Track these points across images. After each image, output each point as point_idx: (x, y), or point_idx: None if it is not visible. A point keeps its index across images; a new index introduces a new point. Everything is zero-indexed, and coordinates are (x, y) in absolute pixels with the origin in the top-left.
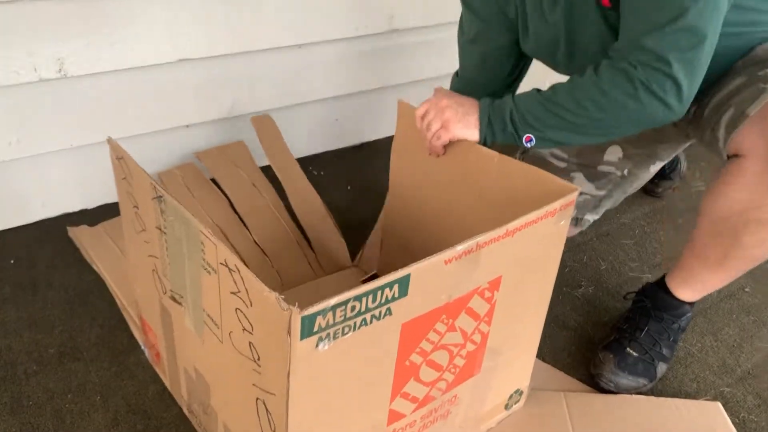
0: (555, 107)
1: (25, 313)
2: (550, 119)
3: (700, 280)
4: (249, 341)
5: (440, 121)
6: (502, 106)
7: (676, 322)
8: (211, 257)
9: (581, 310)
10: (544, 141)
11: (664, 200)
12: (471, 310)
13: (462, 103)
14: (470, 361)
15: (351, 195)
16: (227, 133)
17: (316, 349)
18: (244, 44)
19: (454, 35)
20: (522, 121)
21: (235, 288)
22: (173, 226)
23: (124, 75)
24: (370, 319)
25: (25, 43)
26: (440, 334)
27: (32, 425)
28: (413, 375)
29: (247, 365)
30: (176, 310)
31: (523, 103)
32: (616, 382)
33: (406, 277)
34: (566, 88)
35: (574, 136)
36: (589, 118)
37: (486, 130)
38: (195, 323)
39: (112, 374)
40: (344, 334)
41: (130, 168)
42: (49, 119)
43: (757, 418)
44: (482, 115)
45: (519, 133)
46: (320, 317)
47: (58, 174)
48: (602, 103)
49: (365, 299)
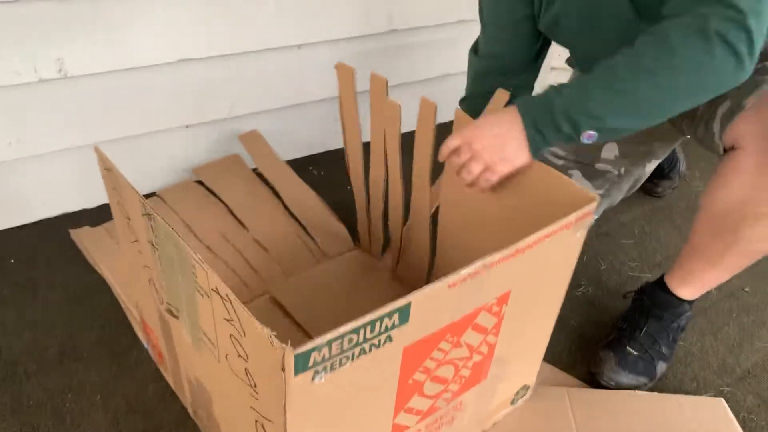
0: (619, 83)
1: (25, 313)
2: (614, 100)
3: (699, 277)
4: (245, 367)
5: (481, 164)
6: (547, 103)
7: (676, 321)
8: (203, 282)
9: (581, 310)
10: (604, 133)
11: (664, 200)
12: (477, 326)
13: (497, 134)
14: (476, 371)
15: (351, 195)
16: (227, 133)
17: (312, 383)
18: (244, 44)
19: (454, 35)
20: (581, 112)
21: (228, 315)
22: (163, 244)
23: (124, 75)
24: (369, 348)
25: (25, 43)
26: (445, 351)
27: (32, 425)
28: (417, 391)
29: (244, 389)
30: (175, 322)
31: (576, 92)
32: (617, 381)
33: (407, 306)
34: (626, 58)
35: (639, 117)
36: (659, 87)
37: (535, 138)
38: (193, 338)
39: (113, 374)
40: (342, 365)
41: (118, 180)
42: (49, 119)
43: (757, 418)
44: (527, 125)
45: (579, 129)
46: (315, 353)
47: (58, 174)
48: (675, 63)
49: (363, 330)
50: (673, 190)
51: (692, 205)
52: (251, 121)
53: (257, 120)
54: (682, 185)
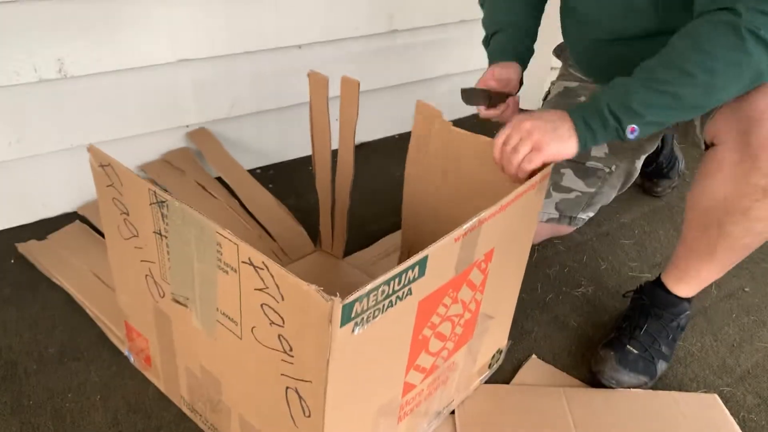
0: (659, 84)
1: (26, 312)
2: (656, 100)
3: (694, 275)
4: (278, 334)
5: (530, 143)
6: (595, 102)
7: (675, 320)
8: (230, 257)
9: (581, 310)
10: (646, 126)
11: (664, 200)
12: (470, 282)
13: (548, 119)
14: (467, 329)
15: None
16: (227, 133)
17: (353, 334)
18: (244, 44)
19: (454, 35)
20: (625, 110)
21: (261, 285)
22: (179, 229)
23: (124, 75)
24: (395, 301)
25: (25, 43)
26: (447, 306)
27: (32, 424)
28: (424, 348)
29: (274, 357)
30: (178, 312)
31: (620, 92)
32: (618, 379)
33: (425, 258)
34: (663, 61)
35: (680, 111)
36: (698, 86)
37: (585, 133)
38: (205, 323)
39: (112, 373)
40: (374, 318)
41: (119, 175)
42: (49, 119)
43: (756, 418)
44: (576, 119)
45: (623, 125)
46: (357, 304)
47: (58, 174)
48: (710, 65)
49: (393, 282)
50: (673, 189)
51: None
52: (251, 121)
53: (257, 120)
54: (681, 185)
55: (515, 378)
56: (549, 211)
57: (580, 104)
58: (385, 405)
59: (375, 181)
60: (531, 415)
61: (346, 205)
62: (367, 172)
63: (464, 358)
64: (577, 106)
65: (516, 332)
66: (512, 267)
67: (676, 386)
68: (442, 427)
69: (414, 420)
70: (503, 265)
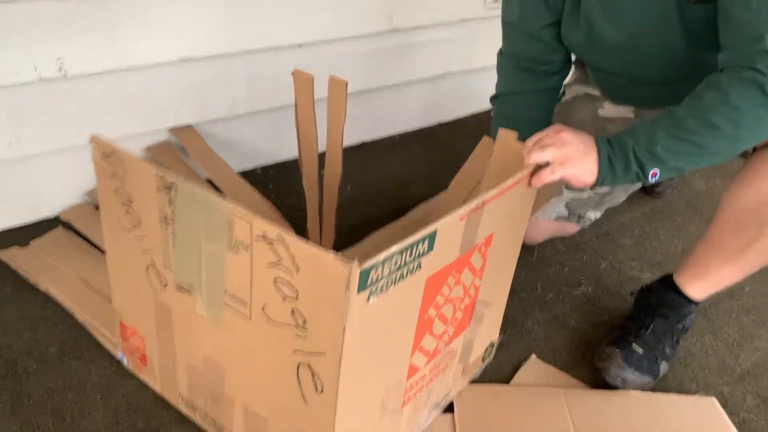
0: (686, 134)
1: (26, 312)
2: (680, 147)
3: (714, 275)
4: (292, 308)
5: (560, 154)
6: (623, 144)
7: (681, 321)
8: (243, 234)
9: (581, 310)
10: (667, 171)
11: (664, 200)
12: (471, 265)
13: (583, 140)
14: (466, 314)
15: (351, 195)
16: (227, 132)
17: (368, 303)
18: (244, 44)
19: (454, 35)
20: (649, 156)
21: (274, 258)
22: (186, 213)
23: (124, 75)
24: (406, 273)
25: (25, 43)
26: (450, 287)
27: (32, 424)
28: (428, 329)
29: (286, 333)
30: (181, 302)
31: (646, 137)
32: (623, 377)
33: (434, 232)
34: (692, 112)
35: (702, 159)
36: (724, 138)
37: (606, 171)
38: (210, 307)
39: (113, 373)
40: (387, 289)
41: (124, 162)
42: (49, 119)
43: (756, 418)
44: (601, 155)
45: (645, 170)
46: (373, 271)
47: (59, 174)
48: (737, 119)
49: (405, 253)
50: (673, 190)
51: (692, 205)
52: (251, 121)
53: (257, 120)
54: (682, 185)
55: (515, 378)
56: (558, 209)
57: (608, 140)
58: (392, 386)
59: (375, 180)
60: (531, 416)
61: (334, 204)
62: (367, 172)
63: (462, 347)
64: (606, 141)
65: (516, 332)
66: (508, 256)
67: (676, 386)
68: (442, 427)
69: (416, 406)
70: (500, 251)
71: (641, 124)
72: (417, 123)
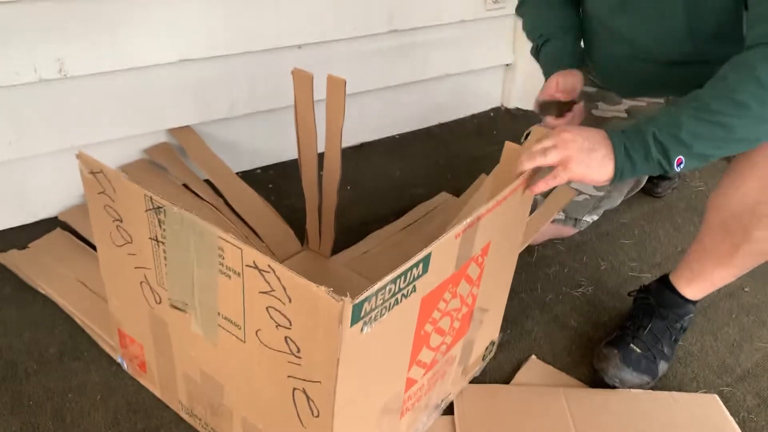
0: (711, 115)
1: (26, 312)
2: (705, 130)
3: (708, 278)
4: (285, 336)
5: (561, 155)
6: (640, 130)
7: (679, 321)
8: (233, 261)
9: (581, 310)
10: (693, 159)
11: (664, 200)
12: (468, 277)
13: (588, 137)
14: (464, 323)
15: (351, 195)
16: (227, 133)
17: (361, 334)
18: (244, 44)
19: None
20: (673, 141)
21: (267, 287)
22: (177, 235)
23: (124, 75)
24: (401, 298)
25: (25, 43)
26: (447, 302)
27: (32, 424)
28: (425, 343)
29: (279, 359)
30: (176, 318)
31: (668, 121)
32: (621, 377)
33: (428, 255)
34: (717, 92)
35: (728, 144)
36: (750, 118)
37: (624, 162)
38: (205, 328)
39: (113, 373)
40: (381, 317)
41: (111, 181)
42: (49, 119)
43: (756, 418)
44: (616, 146)
45: (669, 156)
46: (366, 303)
47: (58, 174)
48: (763, 95)
49: (399, 280)
50: (673, 190)
51: (692, 205)
52: (251, 121)
53: (257, 120)
54: (681, 185)
55: (515, 378)
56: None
57: (622, 130)
58: (389, 401)
59: (375, 181)
60: (531, 416)
61: (333, 204)
62: (367, 172)
63: (461, 352)
64: (620, 132)
65: (516, 332)
66: (506, 260)
67: (676, 386)
68: (443, 427)
69: (414, 414)
70: (498, 258)
71: (662, 110)
72: (417, 123)
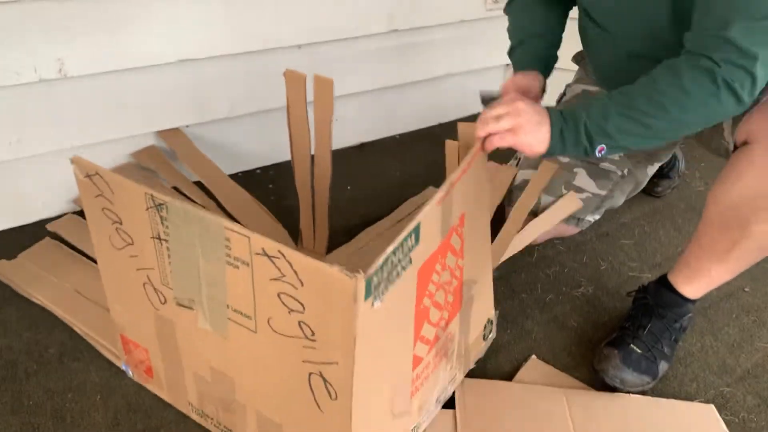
0: (635, 113)
1: (26, 312)
2: (629, 126)
3: (706, 274)
4: (299, 321)
5: (513, 122)
6: (575, 116)
7: (678, 320)
8: (241, 251)
9: (581, 310)
10: (615, 149)
11: (664, 200)
12: (452, 248)
13: (538, 111)
14: (456, 297)
15: (351, 195)
16: (227, 133)
17: (373, 308)
18: (244, 44)
19: (454, 35)
20: (598, 131)
21: (277, 274)
22: (180, 231)
23: (124, 75)
24: (401, 271)
25: (25, 43)
26: (439, 273)
27: (32, 424)
28: (426, 318)
29: (293, 345)
30: (183, 317)
31: (598, 113)
32: (621, 378)
33: (418, 225)
34: (644, 91)
35: (647, 140)
36: (670, 121)
37: (557, 142)
38: (214, 322)
39: (113, 373)
40: (386, 290)
41: (109, 183)
42: (49, 119)
43: (756, 418)
44: (554, 126)
45: (594, 144)
46: (375, 277)
47: (58, 174)
48: (685, 103)
49: (397, 252)
50: (673, 190)
51: (692, 205)
52: (251, 122)
53: (257, 120)
54: (682, 185)
55: (515, 378)
56: None
57: (562, 112)
58: (399, 380)
59: (375, 181)
60: (531, 414)
61: (326, 203)
62: (367, 172)
63: (459, 328)
64: (560, 114)
65: (516, 332)
66: (481, 230)
67: (677, 386)
68: (444, 424)
69: (423, 396)
70: (474, 229)
71: (596, 98)
72: (417, 123)
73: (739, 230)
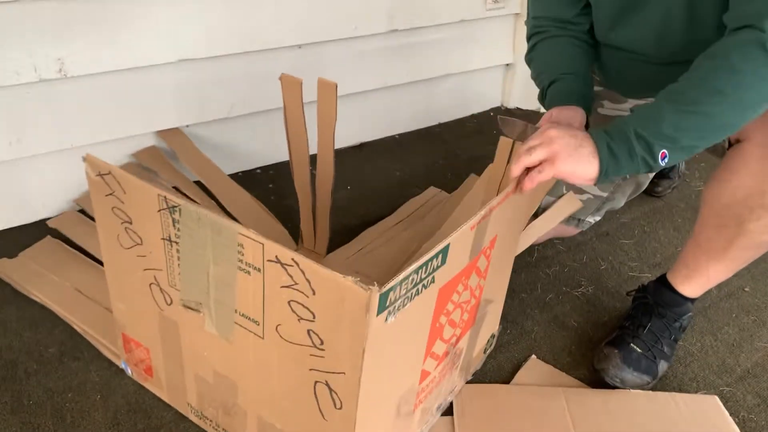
0: (692, 106)
1: (26, 312)
2: (688, 121)
3: (704, 273)
4: (308, 329)
5: (547, 152)
6: (621, 128)
7: (678, 320)
8: (253, 257)
9: (581, 310)
10: (678, 152)
11: (664, 200)
12: (477, 269)
13: (573, 134)
14: (471, 315)
15: (351, 195)
16: (227, 133)
17: (386, 323)
18: (244, 44)
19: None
20: (656, 135)
21: (289, 281)
22: (192, 234)
23: (124, 75)
24: (421, 289)
25: (25, 43)
26: (459, 294)
27: (32, 424)
28: (439, 335)
29: (301, 353)
30: (188, 319)
31: (649, 117)
32: (622, 377)
33: (446, 247)
34: (694, 82)
35: (712, 133)
36: (730, 104)
37: (608, 160)
38: (221, 326)
39: (113, 373)
40: (404, 307)
41: (122, 183)
42: (49, 119)
43: (756, 418)
44: (600, 144)
45: (654, 152)
46: (392, 292)
47: (58, 174)
48: (741, 81)
49: (420, 271)
50: (673, 190)
51: (692, 205)
52: (251, 122)
53: (257, 120)
54: (681, 185)
55: (515, 378)
56: None
57: (604, 129)
58: (405, 393)
59: (375, 181)
60: (531, 416)
61: (327, 206)
62: (367, 172)
63: (467, 344)
64: (601, 130)
65: (516, 332)
66: (508, 253)
67: (676, 386)
68: (442, 427)
69: (425, 406)
70: (502, 251)
71: (639, 108)
72: (417, 123)
73: (734, 228)
